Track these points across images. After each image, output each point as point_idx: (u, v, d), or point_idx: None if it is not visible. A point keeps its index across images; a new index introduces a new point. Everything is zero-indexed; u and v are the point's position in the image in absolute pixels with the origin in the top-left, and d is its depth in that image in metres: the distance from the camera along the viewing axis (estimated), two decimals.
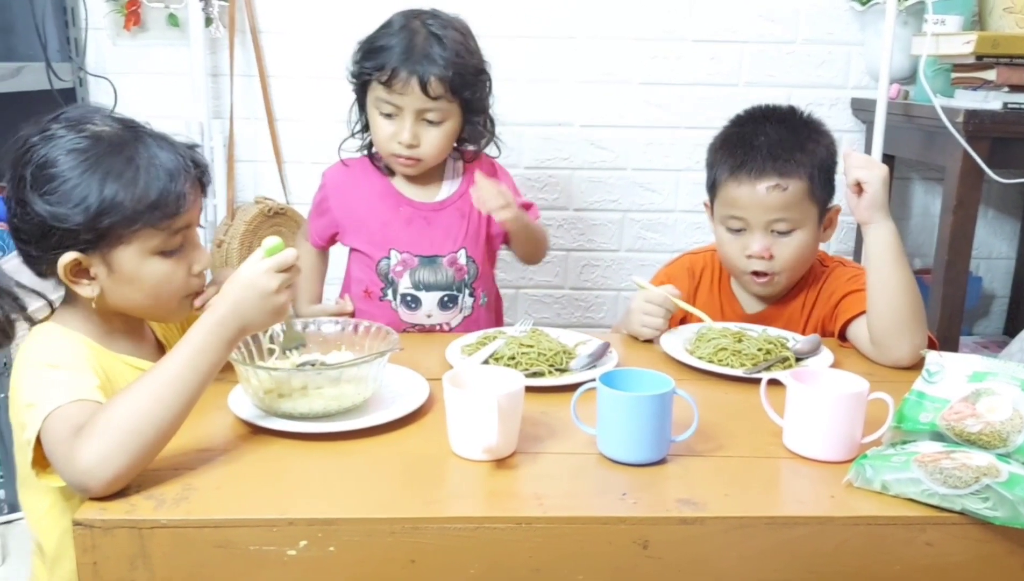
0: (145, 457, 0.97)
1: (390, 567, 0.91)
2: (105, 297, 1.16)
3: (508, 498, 0.96)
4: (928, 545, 0.92)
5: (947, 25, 2.09)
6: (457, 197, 1.72)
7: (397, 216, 1.68)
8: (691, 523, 0.91)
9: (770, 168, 1.47)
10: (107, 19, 2.31)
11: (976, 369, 1.02)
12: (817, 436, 1.04)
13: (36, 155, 1.12)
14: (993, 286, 2.67)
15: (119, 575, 0.90)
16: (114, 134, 1.15)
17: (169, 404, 0.99)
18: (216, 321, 1.04)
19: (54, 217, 1.10)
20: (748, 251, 1.50)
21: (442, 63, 1.55)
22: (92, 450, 0.95)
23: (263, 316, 1.07)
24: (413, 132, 1.59)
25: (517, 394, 1.04)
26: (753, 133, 1.53)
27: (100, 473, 0.94)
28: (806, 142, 1.51)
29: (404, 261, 1.68)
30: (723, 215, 1.54)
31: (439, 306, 1.69)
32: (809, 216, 1.51)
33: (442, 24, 1.60)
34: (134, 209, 1.11)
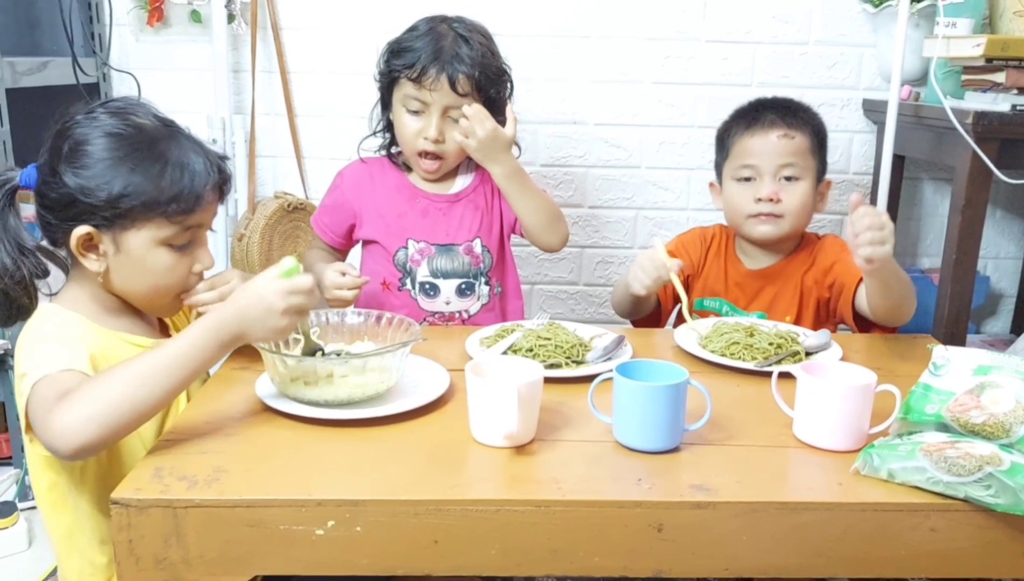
0: (116, 433, 1.03)
1: (414, 547, 0.94)
2: (107, 277, 1.22)
3: (528, 482, 0.99)
4: (932, 531, 0.95)
5: (958, 28, 2.11)
6: (471, 190, 1.77)
7: (413, 207, 1.73)
8: (703, 507, 0.94)
9: (780, 121, 1.69)
10: (131, 15, 2.35)
11: (981, 363, 1.05)
12: (826, 426, 1.07)
13: (77, 131, 1.19)
14: (1001, 285, 2.69)
15: (154, 552, 0.93)
16: (153, 128, 1.22)
17: (151, 389, 1.04)
18: (217, 322, 1.09)
19: (80, 190, 1.16)
20: (758, 194, 1.67)
21: (469, 62, 1.62)
22: (69, 416, 1.01)
23: (263, 331, 1.11)
24: (439, 128, 1.64)
25: (536, 383, 1.07)
26: (760, 108, 1.75)
27: (70, 438, 1.00)
28: (808, 109, 1.76)
29: (421, 250, 1.72)
30: (735, 167, 1.72)
31: (457, 293, 1.74)
32: (811, 170, 1.70)
33: (467, 28, 1.67)
34: (154, 198, 1.18)
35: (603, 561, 0.95)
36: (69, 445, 1.01)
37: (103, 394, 1.03)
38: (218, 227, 1.78)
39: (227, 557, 0.94)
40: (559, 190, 2.52)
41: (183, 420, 1.13)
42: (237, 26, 2.32)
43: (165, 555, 0.94)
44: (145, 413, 1.05)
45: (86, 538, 1.22)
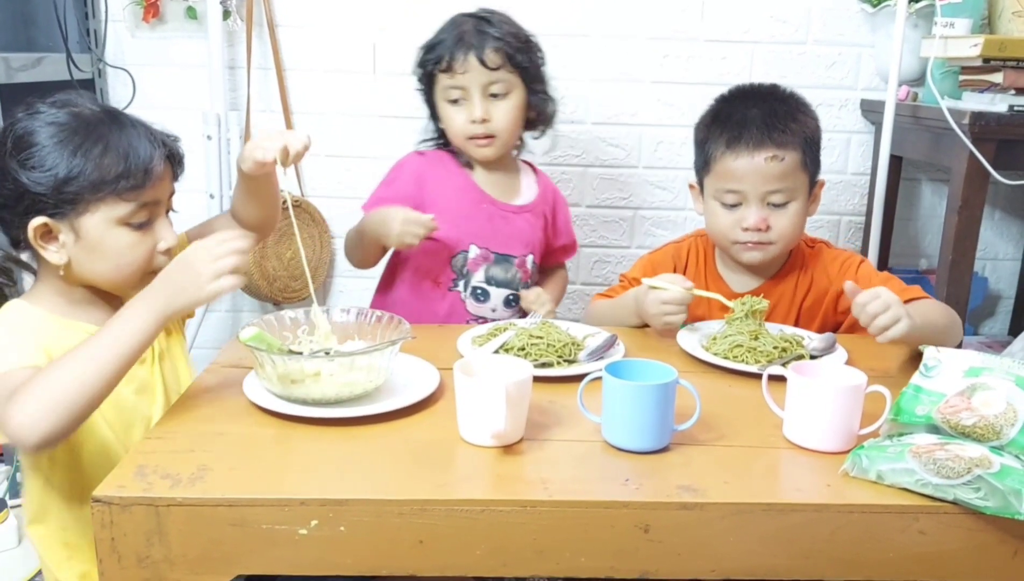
0: (72, 420, 1.06)
1: (399, 547, 0.93)
2: (72, 267, 1.22)
3: (514, 482, 0.98)
4: (921, 533, 0.94)
5: (956, 28, 2.10)
6: (534, 205, 1.80)
7: (479, 211, 1.74)
8: (691, 508, 0.94)
9: (767, 139, 1.50)
10: (126, 11, 2.34)
11: (972, 364, 1.04)
12: (816, 427, 1.07)
13: (19, 125, 1.20)
14: (999, 287, 2.68)
15: (136, 550, 0.93)
16: (92, 114, 1.23)
17: (96, 372, 1.08)
18: (146, 296, 1.14)
19: (28, 182, 1.17)
20: (744, 224, 1.53)
21: (495, 35, 1.66)
22: (23, 412, 1.05)
23: (189, 292, 1.13)
24: (483, 107, 1.67)
25: (525, 382, 1.06)
26: (744, 107, 1.55)
27: (29, 433, 1.04)
28: (796, 113, 1.55)
29: (483, 256, 1.73)
30: (718, 189, 1.56)
31: (504, 303, 1.76)
32: (802, 187, 1.54)
33: (489, 13, 1.72)
34: (100, 177, 1.19)
35: (589, 562, 0.95)
36: (30, 439, 1.05)
37: (52, 384, 1.06)
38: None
39: (210, 556, 0.93)
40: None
41: (168, 418, 1.12)
42: (232, 22, 2.32)
43: (147, 553, 0.93)
44: (94, 396, 1.08)
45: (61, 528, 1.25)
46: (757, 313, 1.44)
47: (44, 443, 1.05)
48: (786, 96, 1.60)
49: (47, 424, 1.05)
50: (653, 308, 1.46)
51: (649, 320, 1.49)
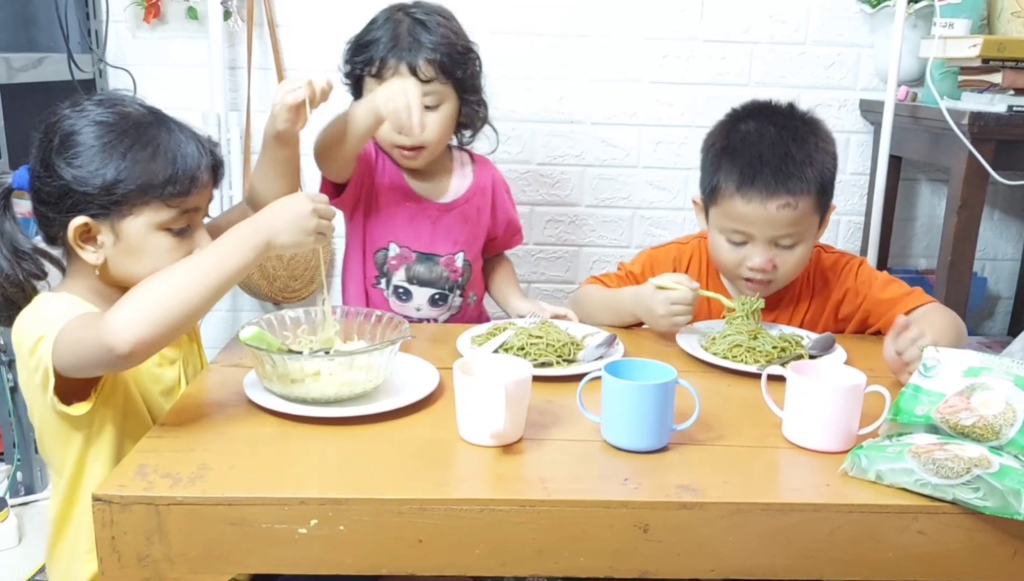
0: (167, 330, 1.05)
1: (398, 546, 0.94)
2: (107, 268, 1.22)
3: (514, 481, 0.98)
4: (920, 533, 0.95)
5: (955, 28, 2.10)
6: (464, 200, 1.73)
7: (402, 210, 1.69)
8: (690, 508, 0.94)
9: (782, 187, 1.42)
10: (127, 12, 2.34)
11: (971, 364, 1.05)
12: (815, 427, 1.07)
13: (66, 123, 1.19)
14: (998, 287, 2.69)
15: (136, 549, 0.93)
16: (140, 115, 1.22)
17: (194, 289, 1.08)
18: (250, 224, 1.16)
19: (74, 181, 1.17)
20: (750, 264, 1.48)
21: (429, 45, 1.56)
22: (122, 313, 1.04)
23: (292, 233, 1.17)
24: None
25: (524, 382, 1.06)
26: (757, 140, 1.47)
27: (127, 332, 1.02)
28: (813, 153, 1.46)
29: (402, 255, 1.69)
30: (724, 226, 1.50)
31: (429, 302, 1.72)
32: (812, 227, 1.49)
33: (425, 11, 1.61)
34: (148, 182, 1.18)
35: (588, 561, 0.95)
36: (127, 339, 1.02)
37: (152, 293, 1.06)
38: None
39: (209, 555, 0.93)
40: (555, 189, 2.51)
41: (169, 417, 1.12)
42: (233, 23, 2.32)
43: (147, 552, 0.93)
44: (192, 311, 1.08)
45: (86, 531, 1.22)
46: (756, 312, 1.44)
47: (137, 348, 1.03)
48: (802, 125, 1.50)
49: (142, 329, 1.03)
50: (662, 308, 1.43)
51: (654, 320, 1.47)
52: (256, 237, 1.14)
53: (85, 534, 1.19)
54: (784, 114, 1.52)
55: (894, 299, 1.51)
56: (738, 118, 1.54)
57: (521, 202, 2.49)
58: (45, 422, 1.17)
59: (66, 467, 1.19)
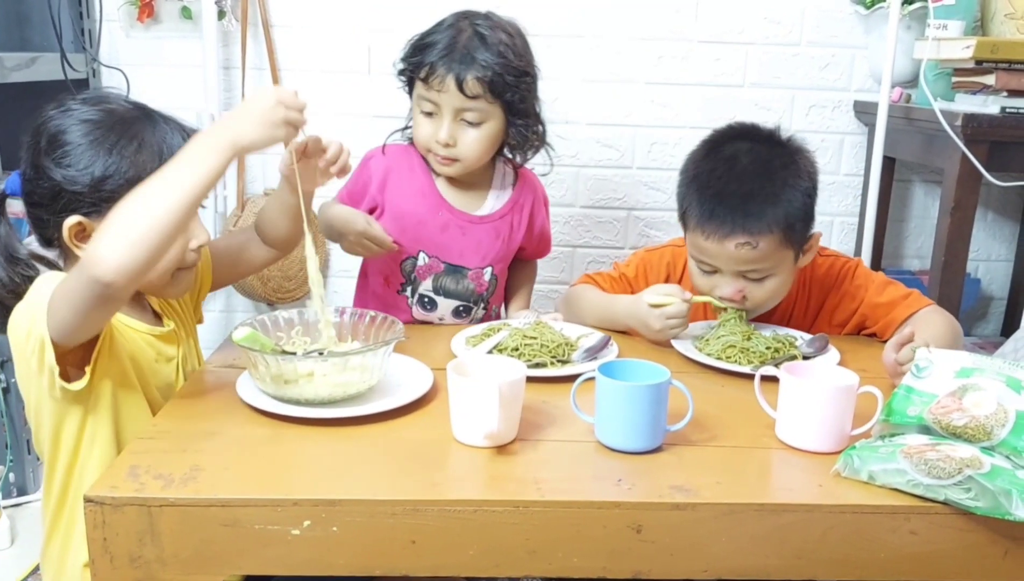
0: (147, 249, 1.04)
1: (391, 547, 0.93)
2: None
3: (507, 482, 0.98)
4: (912, 533, 0.95)
5: (949, 30, 2.11)
6: (499, 216, 1.70)
7: (434, 219, 1.65)
8: (683, 509, 0.94)
9: (740, 226, 1.39)
10: (121, 11, 2.34)
11: (963, 365, 1.05)
12: (808, 428, 1.07)
13: (52, 124, 1.19)
14: (991, 288, 2.69)
15: (128, 550, 0.92)
16: (125, 111, 1.23)
17: (166, 205, 1.06)
18: (210, 129, 1.14)
19: (65, 180, 1.17)
20: (719, 293, 1.46)
21: (483, 62, 1.53)
22: (100, 243, 1.04)
23: (258, 126, 1.13)
24: (450, 132, 1.57)
25: (518, 382, 1.06)
26: (725, 174, 1.43)
27: (109, 259, 1.02)
28: (780, 191, 1.40)
29: (430, 265, 1.67)
30: (693, 254, 1.49)
31: (453, 313, 1.71)
32: (784, 261, 1.44)
33: (491, 25, 1.58)
34: (136, 174, 1.17)
35: (582, 562, 0.95)
36: (107, 270, 1.02)
37: (125, 219, 1.05)
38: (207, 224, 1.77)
39: (202, 556, 0.93)
40: (550, 189, 2.50)
41: (162, 418, 1.12)
42: (227, 23, 2.32)
43: (140, 554, 0.93)
44: (167, 230, 1.06)
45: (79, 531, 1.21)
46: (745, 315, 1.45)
47: (120, 272, 1.02)
48: (778, 160, 1.44)
49: (122, 253, 1.02)
50: (657, 323, 1.43)
51: (650, 334, 1.46)
52: (221, 139, 1.11)
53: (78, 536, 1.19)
54: (763, 141, 1.48)
55: (892, 302, 1.51)
56: (716, 142, 1.51)
57: None
58: (41, 408, 1.16)
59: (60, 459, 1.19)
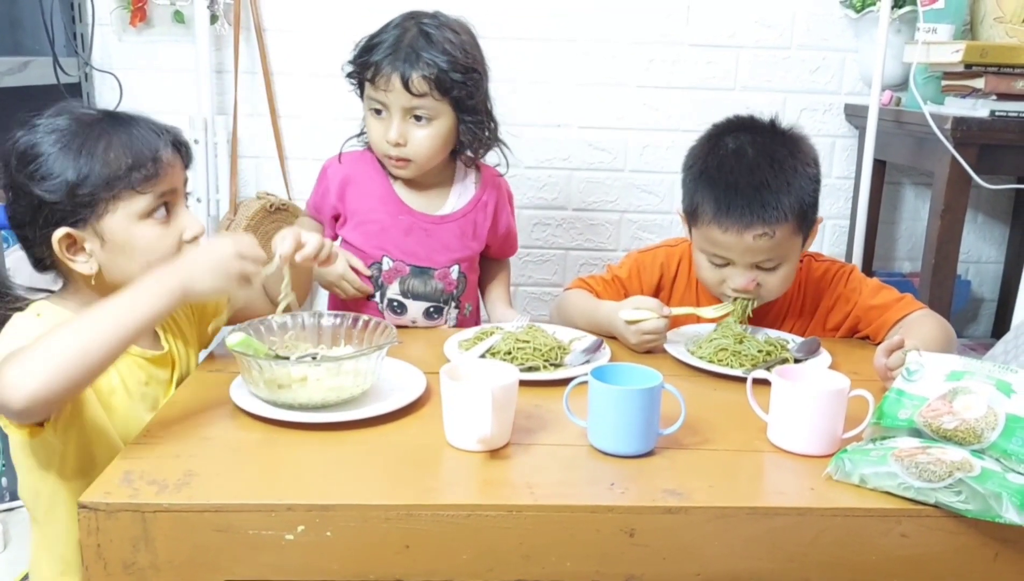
0: (65, 386, 1.01)
1: (385, 552, 0.93)
2: (103, 274, 1.20)
3: (500, 487, 0.99)
4: (903, 536, 0.95)
5: (938, 33, 2.12)
6: (461, 214, 1.70)
7: (396, 223, 1.66)
8: (676, 512, 0.94)
9: (758, 217, 1.39)
10: (113, 15, 2.34)
11: (954, 368, 1.05)
12: (799, 431, 1.07)
13: (21, 141, 1.18)
14: (982, 290, 2.71)
15: (122, 556, 0.92)
16: (91, 116, 1.22)
17: (97, 339, 1.04)
18: (164, 269, 1.11)
19: (44, 192, 1.15)
20: (732, 285, 1.47)
21: (428, 60, 1.53)
22: (17, 367, 1.00)
23: (212, 278, 1.12)
24: (400, 130, 1.57)
25: (511, 387, 1.07)
26: (735, 166, 1.44)
27: (17, 391, 0.99)
28: (791, 179, 1.42)
29: (396, 269, 1.67)
30: (703, 248, 1.49)
31: (424, 315, 1.70)
32: (795, 248, 1.47)
33: (437, 24, 1.58)
34: (110, 173, 1.17)
35: (575, 566, 0.95)
36: (18, 398, 0.99)
37: (51, 347, 1.02)
38: None
39: (196, 562, 0.93)
40: (543, 192, 2.52)
41: (155, 423, 1.12)
42: (220, 27, 2.32)
43: (133, 560, 0.93)
44: (94, 364, 1.04)
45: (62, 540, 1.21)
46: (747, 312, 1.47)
47: (31, 403, 0.99)
48: (783, 149, 1.45)
49: (37, 384, 0.99)
50: (634, 338, 1.43)
51: (628, 346, 1.47)
52: (171, 282, 1.10)
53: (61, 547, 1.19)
54: (765, 132, 1.49)
55: (885, 305, 1.52)
56: (718, 136, 1.51)
57: None
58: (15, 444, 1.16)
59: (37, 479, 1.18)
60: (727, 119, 1.55)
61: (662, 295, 1.62)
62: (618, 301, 1.52)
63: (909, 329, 1.41)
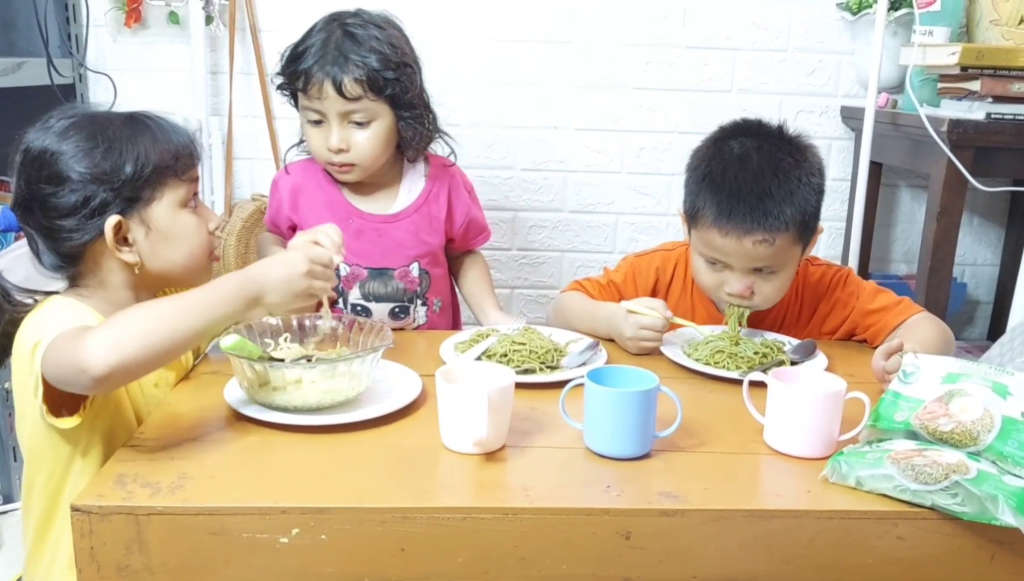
0: (148, 358, 1.02)
1: (380, 555, 0.93)
2: (144, 264, 1.22)
3: (496, 489, 0.98)
4: (900, 539, 0.95)
5: (934, 36, 2.13)
6: (413, 210, 1.68)
7: (346, 228, 1.60)
8: (672, 515, 0.94)
9: (759, 225, 1.38)
10: (108, 16, 2.33)
11: (950, 370, 1.05)
12: (796, 433, 1.07)
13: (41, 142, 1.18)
14: (978, 292, 2.71)
15: (115, 559, 0.92)
16: (117, 114, 1.24)
17: (180, 324, 1.05)
18: (245, 275, 1.12)
19: (94, 179, 1.16)
20: (728, 289, 1.45)
21: (357, 61, 1.51)
22: (104, 335, 1.00)
23: (281, 294, 1.14)
24: (340, 136, 1.55)
25: (507, 389, 1.06)
26: (739, 171, 1.42)
27: (105, 356, 0.98)
28: (795, 189, 1.40)
29: (353, 273, 1.65)
30: (702, 250, 1.48)
31: (390, 316, 1.68)
32: (794, 256, 1.46)
33: (361, 22, 1.56)
34: (161, 160, 1.20)
35: (571, 569, 0.95)
36: (104, 362, 0.98)
37: (137, 321, 1.03)
38: None
39: (190, 565, 0.92)
40: (539, 194, 2.52)
41: (149, 426, 1.11)
42: (215, 27, 2.31)
43: (127, 563, 0.92)
44: (173, 347, 1.05)
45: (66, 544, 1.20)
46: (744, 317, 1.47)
47: (113, 371, 0.99)
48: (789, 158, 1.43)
49: (121, 354, 0.99)
50: (630, 331, 1.43)
51: (622, 341, 1.46)
52: (250, 290, 1.11)
53: (65, 549, 1.18)
54: (772, 139, 1.47)
55: (883, 308, 1.51)
56: (723, 139, 1.49)
57: (504, 208, 2.50)
58: (36, 429, 1.15)
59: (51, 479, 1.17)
60: (734, 122, 1.53)
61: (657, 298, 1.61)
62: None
63: (908, 332, 1.41)
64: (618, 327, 1.46)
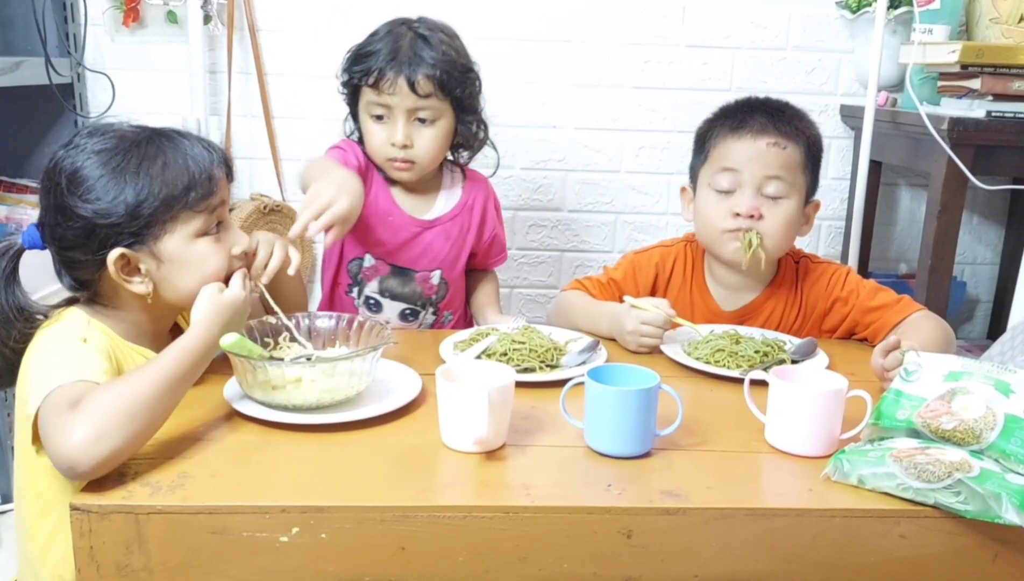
0: (136, 442, 1.00)
1: (380, 554, 0.93)
2: (158, 293, 1.19)
3: (497, 488, 0.98)
4: (902, 537, 0.95)
5: (934, 34, 2.12)
6: (448, 218, 1.71)
7: (382, 222, 1.66)
8: (673, 514, 0.94)
9: (771, 127, 1.50)
10: (106, 15, 2.33)
11: (952, 369, 1.05)
12: (797, 432, 1.07)
13: (66, 162, 1.15)
14: (977, 291, 2.71)
15: (115, 559, 0.92)
16: (136, 134, 1.19)
17: (159, 407, 1.03)
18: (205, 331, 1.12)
19: (98, 214, 1.13)
20: (737, 209, 1.49)
21: (430, 61, 1.56)
22: (87, 427, 0.96)
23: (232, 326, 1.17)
24: (406, 132, 1.59)
25: (507, 388, 1.06)
26: (749, 106, 1.57)
27: (92, 451, 0.95)
28: (802, 117, 1.56)
29: (376, 267, 1.68)
30: (713, 172, 1.54)
31: (399, 316, 1.71)
32: (798, 188, 1.52)
33: (429, 27, 1.61)
34: (169, 194, 1.15)
35: (572, 568, 0.94)
36: (92, 459, 0.95)
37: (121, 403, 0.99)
38: None
39: (190, 565, 0.92)
40: (538, 194, 2.51)
41: None
42: (213, 27, 2.31)
43: (127, 562, 0.92)
44: (160, 419, 1.04)
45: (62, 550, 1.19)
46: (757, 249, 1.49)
47: (106, 462, 0.96)
48: (790, 107, 1.59)
49: (112, 443, 0.96)
50: (631, 325, 1.43)
51: (622, 336, 1.46)
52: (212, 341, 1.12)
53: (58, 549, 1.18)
54: (775, 101, 1.60)
55: (883, 306, 1.52)
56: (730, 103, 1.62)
57: (504, 207, 2.48)
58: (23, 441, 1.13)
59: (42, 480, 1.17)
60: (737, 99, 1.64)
61: (657, 295, 1.62)
62: None
63: (908, 330, 1.41)
64: (620, 321, 1.46)
